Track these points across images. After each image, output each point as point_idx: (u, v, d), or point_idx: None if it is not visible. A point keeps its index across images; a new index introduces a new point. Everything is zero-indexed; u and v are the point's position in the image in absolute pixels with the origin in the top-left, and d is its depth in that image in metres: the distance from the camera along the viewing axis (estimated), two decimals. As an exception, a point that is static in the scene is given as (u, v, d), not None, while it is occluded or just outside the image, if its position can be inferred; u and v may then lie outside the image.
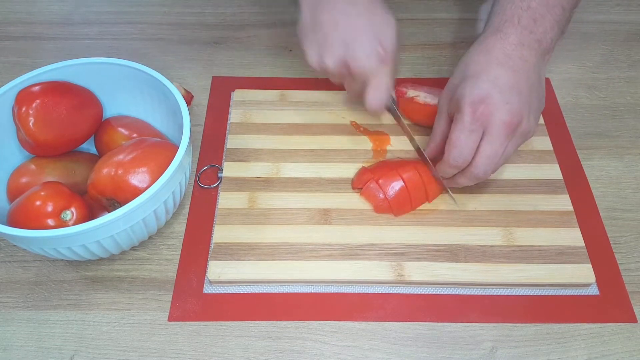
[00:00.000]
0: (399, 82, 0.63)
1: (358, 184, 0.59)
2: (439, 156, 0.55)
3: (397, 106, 0.61)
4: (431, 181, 0.57)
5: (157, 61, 0.74)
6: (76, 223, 0.49)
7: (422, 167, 0.58)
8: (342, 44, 0.54)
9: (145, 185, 0.50)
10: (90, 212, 0.52)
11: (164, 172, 0.49)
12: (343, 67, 0.55)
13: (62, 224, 0.49)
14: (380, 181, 0.56)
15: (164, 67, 0.70)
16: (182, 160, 0.50)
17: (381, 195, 0.56)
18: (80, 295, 0.54)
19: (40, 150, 0.56)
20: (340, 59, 0.54)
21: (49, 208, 0.49)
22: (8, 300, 0.53)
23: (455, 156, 0.51)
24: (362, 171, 0.59)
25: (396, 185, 0.56)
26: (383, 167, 0.59)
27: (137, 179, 0.50)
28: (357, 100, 0.59)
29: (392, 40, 0.55)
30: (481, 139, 0.50)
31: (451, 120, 0.53)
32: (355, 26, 0.54)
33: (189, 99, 0.67)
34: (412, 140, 0.62)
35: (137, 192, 0.48)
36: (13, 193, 0.55)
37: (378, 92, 0.56)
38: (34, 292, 0.54)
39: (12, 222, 0.49)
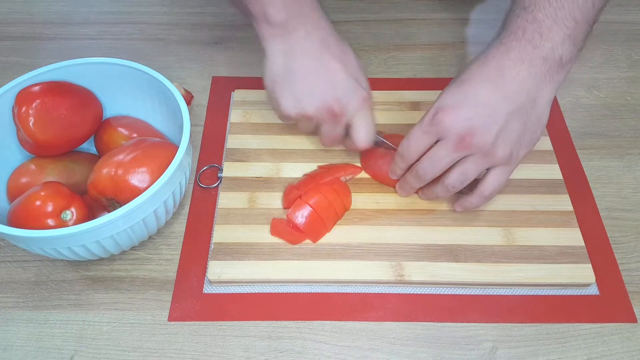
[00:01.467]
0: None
1: (287, 204, 0.57)
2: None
3: (382, 136, 0.59)
4: (336, 198, 0.56)
5: (157, 61, 0.74)
6: (76, 223, 0.49)
7: (325, 187, 0.56)
8: (323, 88, 0.53)
9: (145, 185, 0.50)
10: (90, 212, 0.52)
11: (164, 172, 0.49)
12: (326, 112, 0.53)
13: (62, 224, 0.49)
14: (288, 213, 0.55)
15: (164, 67, 0.70)
16: (182, 160, 0.50)
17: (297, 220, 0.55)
18: (80, 295, 0.54)
19: (40, 150, 0.56)
20: (322, 104, 0.53)
21: (49, 208, 0.49)
22: (8, 300, 0.53)
23: (403, 147, 0.52)
24: (289, 189, 0.58)
25: (305, 212, 0.55)
26: (308, 182, 0.58)
27: (137, 179, 0.50)
28: (336, 144, 0.58)
29: (366, 80, 0.56)
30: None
31: None
32: (333, 71, 0.53)
33: (189, 99, 0.67)
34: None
35: (137, 192, 0.48)
36: (13, 193, 0.55)
37: (366, 130, 0.55)
38: (34, 292, 0.54)
39: (12, 222, 0.49)
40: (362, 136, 0.55)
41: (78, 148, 0.59)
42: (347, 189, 0.58)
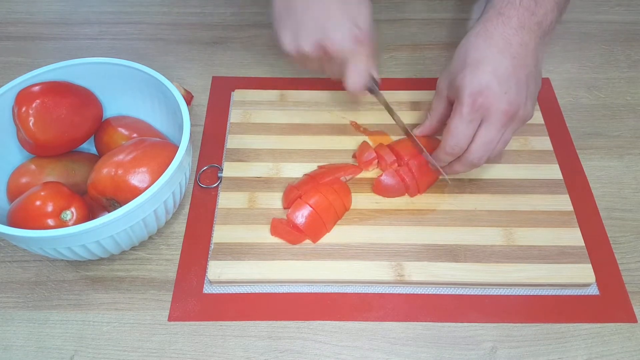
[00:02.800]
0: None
1: (287, 204, 0.57)
2: (431, 135, 0.59)
3: (378, 87, 0.59)
4: (336, 198, 0.56)
5: (157, 61, 0.74)
6: (76, 223, 0.49)
7: (325, 187, 0.56)
8: (318, 26, 0.53)
9: (145, 185, 0.50)
10: (90, 212, 0.52)
11: (164, 172, 0.49)
12: (320, 50, 0.54)
13: (62, 224, 0.49)
14: (288, 213, 0.55)
15: (164, 67, 0.70)
16: (182, 160, 0.50)
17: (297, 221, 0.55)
18: (80, 295, 0.54)
19: (40, 150, 0.56)
20: (316, 41, 0.54)
21: (49, 208, 0.49)
22: (8, 300, 0.53)
23: (452, 145, 0.52)
24: (289, 189, 0.58)
25: (305, 212, 0.55)
26: (308, 182, 0.58)
27: (137, 179, 0.50)
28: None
29: (367, 21, 0.55)
30: (479, 127, 0.52)
31: (450, 103, 0.55)
32: (329, 8, 0.54)
33: (189, 99, 0.67)
34: (400, 123, 0.60)
35: (137, 192, 0.48)
36: (13, 193, 0.55)
37: (357, 73, 0.55)
38: (34, 292, 0.54)
39: (12, 222, 0.49)
40: (350, 81, 0.56)
41: (78, 148, 0.59)
42: (347, 189, 0.58)
